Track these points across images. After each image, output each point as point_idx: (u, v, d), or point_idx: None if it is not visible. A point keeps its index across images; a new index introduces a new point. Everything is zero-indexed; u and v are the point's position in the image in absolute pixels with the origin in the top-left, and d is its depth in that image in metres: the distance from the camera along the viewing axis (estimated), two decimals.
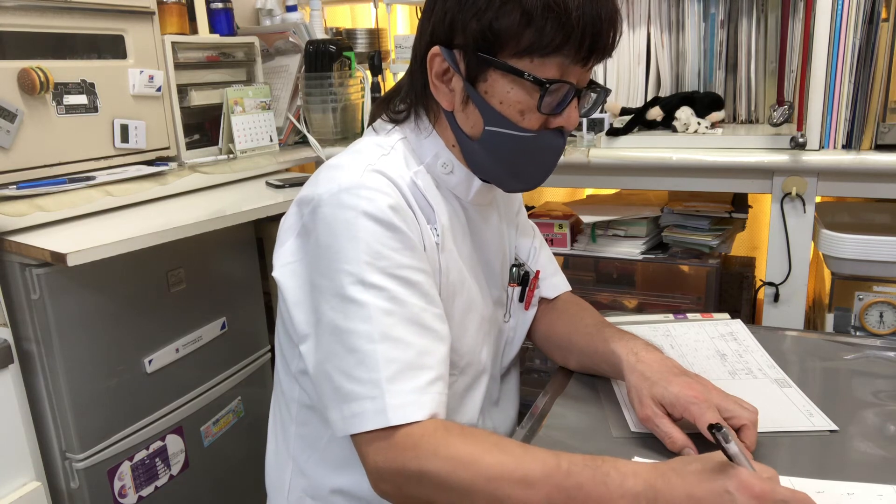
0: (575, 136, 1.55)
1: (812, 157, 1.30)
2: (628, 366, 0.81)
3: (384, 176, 0.76)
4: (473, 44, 0.73)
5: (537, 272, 1.00)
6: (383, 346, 0.68)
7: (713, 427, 0.60)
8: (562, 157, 0.84)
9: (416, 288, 0.73)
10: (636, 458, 0.73)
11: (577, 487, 0.62)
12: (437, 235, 0.81)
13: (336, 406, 0.70)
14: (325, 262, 0.73)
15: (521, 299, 0.98)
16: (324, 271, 0.73)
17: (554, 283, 1.03)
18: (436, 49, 0.76)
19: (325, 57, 1.77)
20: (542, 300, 1.02)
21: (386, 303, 0.70)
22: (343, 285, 0.71)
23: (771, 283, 1.40)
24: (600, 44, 0.73)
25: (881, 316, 1.30)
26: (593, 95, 0.81)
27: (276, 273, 0.80)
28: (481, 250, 0.91)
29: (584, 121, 1.52)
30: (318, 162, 1.81)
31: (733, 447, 0.59)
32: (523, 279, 0.98)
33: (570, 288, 1.05)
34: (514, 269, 0.98)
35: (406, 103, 0.84)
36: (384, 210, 0.72)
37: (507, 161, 0.80)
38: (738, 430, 0.72)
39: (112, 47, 1.40)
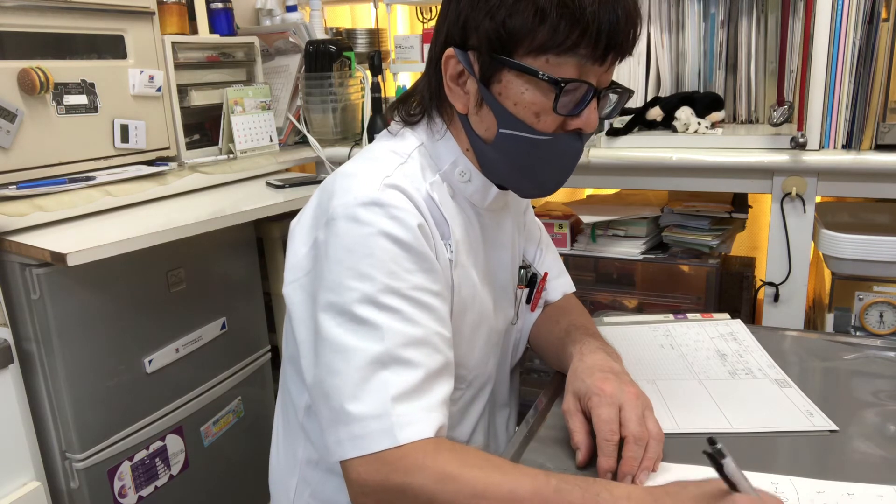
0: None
1: (812, 157, 1.30)
2: (571, 366, 0.80)
3: (401, 191, 0.73)
4: (487, 44, 0.71)
5: (545, 274, 0.99)
6: (393, 367, 0.66)
7: (710, 441, 0.56)
8: None
9: (430, 311, 0.71)
10: None
11: None
12: (451, 252, 0.79)
13: (334, 427, 0.67)
14: (336, 276, 0.70)
15: (527, 301, 0.97)
16: (332, 286, 0.70)
17: (556, 285, 1.02)
18: (450, 51, 0.75)
19: (325, 57, 1.77)
20: (545, 303, 1.02)
21: (398, 324, 0.68)
22: (353, 302, 0.68)
23: (771, 283, 1.40)
24: (617, 42, 0.70)
25: (881, 316, 1.30)
26: (614, 97, 0.78)
27: (286, 290, 0.78)
28: (495, 258, 0.89)
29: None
30: (318, 162, 1.81)
31: (730, 465, 0.56)
32: (530, 281, 0.97)
33: (573, 289, 1.05)
34: (522, 270, 0.96)
35: (421, 106, 0.83)
36: (402, 230, 0.70)
37: (522, 165, 0.78)
38: (621, 441, 0.69)
39: (112, 47, 1.40)
